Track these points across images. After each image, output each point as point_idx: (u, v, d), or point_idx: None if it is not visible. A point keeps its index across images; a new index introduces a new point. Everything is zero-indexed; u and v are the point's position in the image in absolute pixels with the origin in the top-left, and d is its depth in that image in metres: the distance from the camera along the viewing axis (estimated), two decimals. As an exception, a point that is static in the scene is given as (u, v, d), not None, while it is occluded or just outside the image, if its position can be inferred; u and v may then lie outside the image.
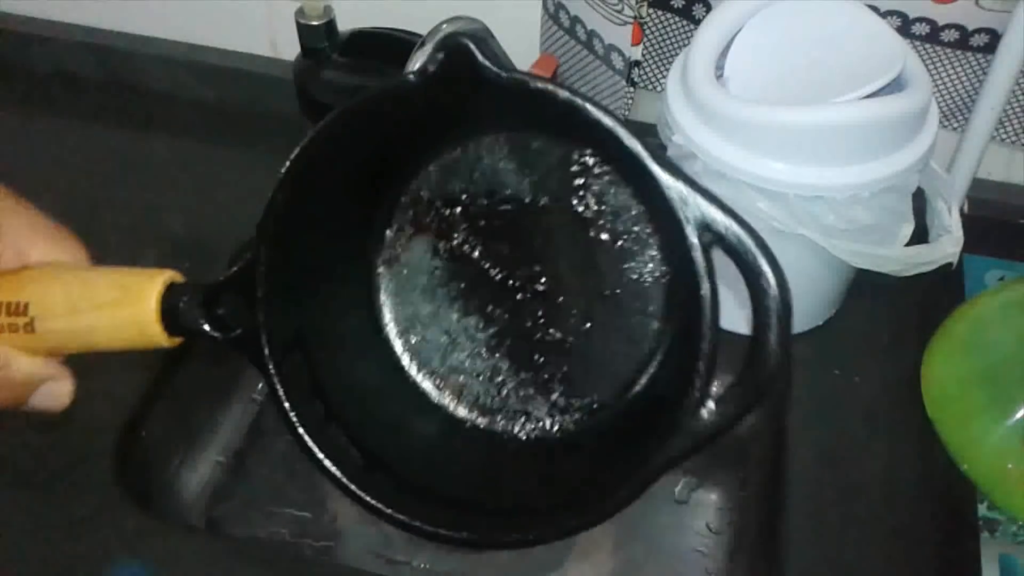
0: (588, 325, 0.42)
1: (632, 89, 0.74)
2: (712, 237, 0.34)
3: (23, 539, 0.62)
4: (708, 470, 0.80)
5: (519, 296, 0.42)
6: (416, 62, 0.45)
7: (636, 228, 0.40)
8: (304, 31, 0.75)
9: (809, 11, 0.65)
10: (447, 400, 0.43)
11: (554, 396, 0.42)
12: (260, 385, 0.84)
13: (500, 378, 0.43)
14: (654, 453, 0.34)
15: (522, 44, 0.78)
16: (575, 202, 0.41)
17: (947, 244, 0.65)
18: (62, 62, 0.95)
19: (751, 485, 0.78)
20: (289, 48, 0.81)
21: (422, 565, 0.75)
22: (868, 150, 0.60)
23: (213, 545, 0.68)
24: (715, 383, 0.36)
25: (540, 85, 0.36)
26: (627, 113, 0.76)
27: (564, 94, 0.35)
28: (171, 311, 0.37)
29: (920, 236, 0.66)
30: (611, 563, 0.76)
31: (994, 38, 0.69)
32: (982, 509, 0.62)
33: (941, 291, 0.73)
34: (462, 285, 0.43)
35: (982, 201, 0.78)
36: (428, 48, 0.62)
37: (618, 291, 0.41)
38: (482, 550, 0.38)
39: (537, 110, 0.37)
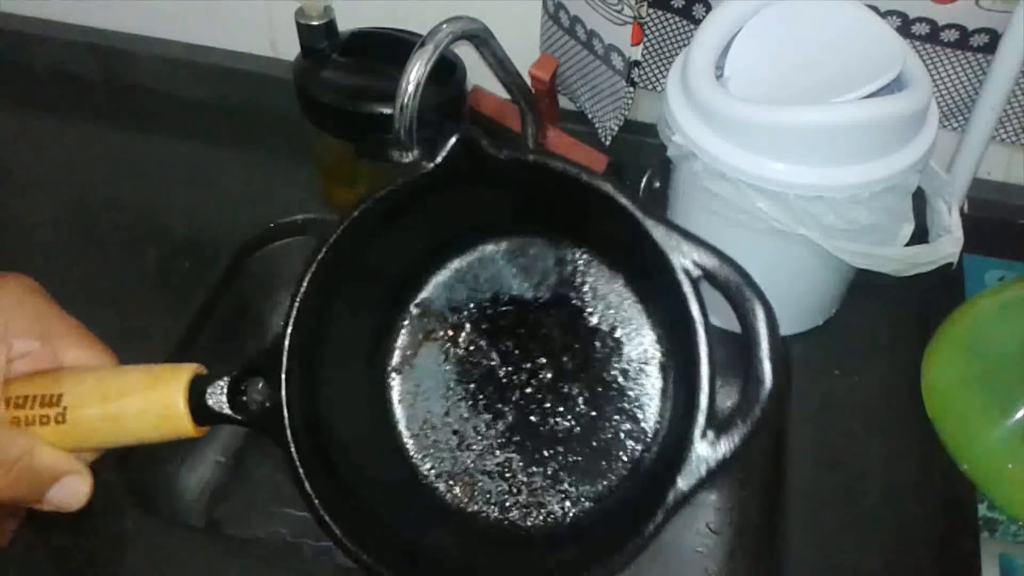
0: (593, 412, 0.44)
1: (632, 89, 0.74)
2: (701, 274, 0.38)
3: (23, 539, 0.62)
4: (708, 470, 0.80)
5: (526, 390, 0.44)
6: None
7: (628, 312, 0.43)
8: (304, 31, 0.75)
9: (809, 11, 0.65)
10: (460, 501, 0.44)
11: (565, 486, 0.43)
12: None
13: (511, 474, 0.44)
14: (664, 495, 0.36)
15: (522, 44, 0.78)
16: (572, 296, 0.44)
17: (947, 244, 0.65)
18: (62, 62, 0.95)
19: (751, 485, 0.78)
20: (289, 48, 0.81)
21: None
22: (868, 150, 0.60)
23: (213, 545, 0.68)
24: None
25: (533, 159, 0.39)
26: (627, 113, 0.76)
27: (558, 164, 0.39)
28: (199, 402, 0.38)
29: (920, 236, 0.66)
30: (611, 563, 0.76)
31: (994, 38, 0.69)
32: (982, 509, 0.62)
33: (941, 291, 0.73)
34: (471, 386, 0.45)
35: (982, 201, 0.78)
36: (428, 48, 0.62)
37: (617, 376, 0.43)
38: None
39: (536, 181, 0.40)
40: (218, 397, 0.39)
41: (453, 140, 0.40)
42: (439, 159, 0.41)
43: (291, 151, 0.84)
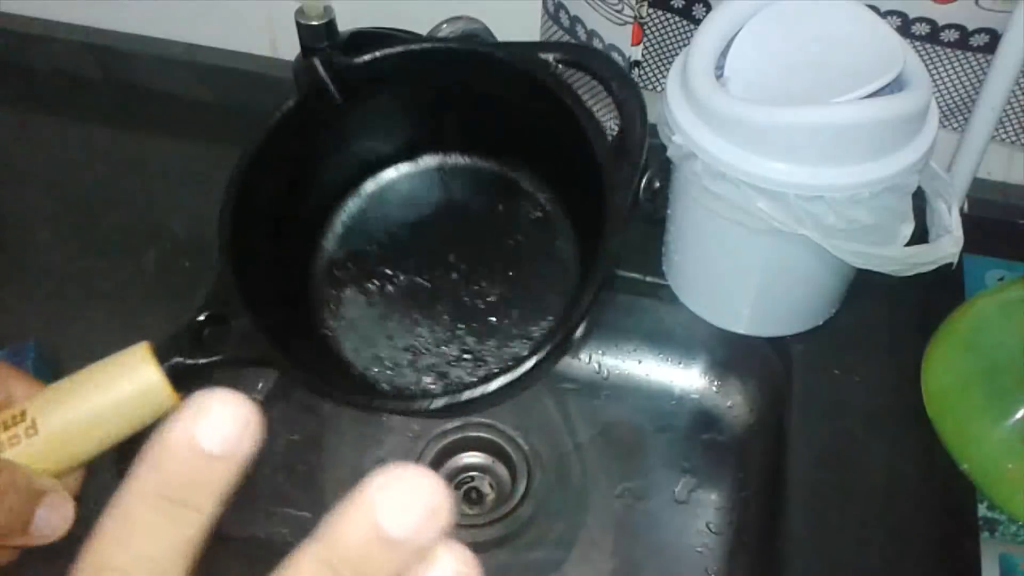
0: (511, 272, 0.47)
1: (632, 89, 0.74)
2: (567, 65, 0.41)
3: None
4: (708, 470, 0.80)
5: (450, 288, 0.47)
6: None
7: (514, 179, 0.48)
8: (304, 31, 0.74)
9: (809, 11, 0.65)
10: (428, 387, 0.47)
11: (518, 331, 0.46)
12: (260, 385, 0.84)
13: (469, 351, 0.46)
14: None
15: (522, 44, 0.78)
16: (460, 197, 0.47)
17: (947, 244, 0.65)
18: (62, 62, 0.95)
19: (751, 485, 0.78)
20: (289, 48, 0.81)
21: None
22: (868, 150, 0.60)
23: (213, 545, 0.68)
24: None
25: (381, 53, 0.44)
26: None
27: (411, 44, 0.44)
28: (170, 365, 0.38)
29: (920, 236, 0.66)
30: (611, 563, 0.76)
31: (994, 38, 0.69)
32: (982, 509, 0.62)
33: (941, 291, 0.73)
34: (404, 309, 0.47)
35: (982, 201, 0.78)
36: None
37: (520, 238, 0.47)
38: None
39: (407, 77, 0.43)
40: (185, 352, 0.39)
41: (313, 65, 0.43)
42: (302, 91, 0.43)
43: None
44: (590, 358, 0.86)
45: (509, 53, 0.45)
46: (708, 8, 0.74)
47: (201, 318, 0.40)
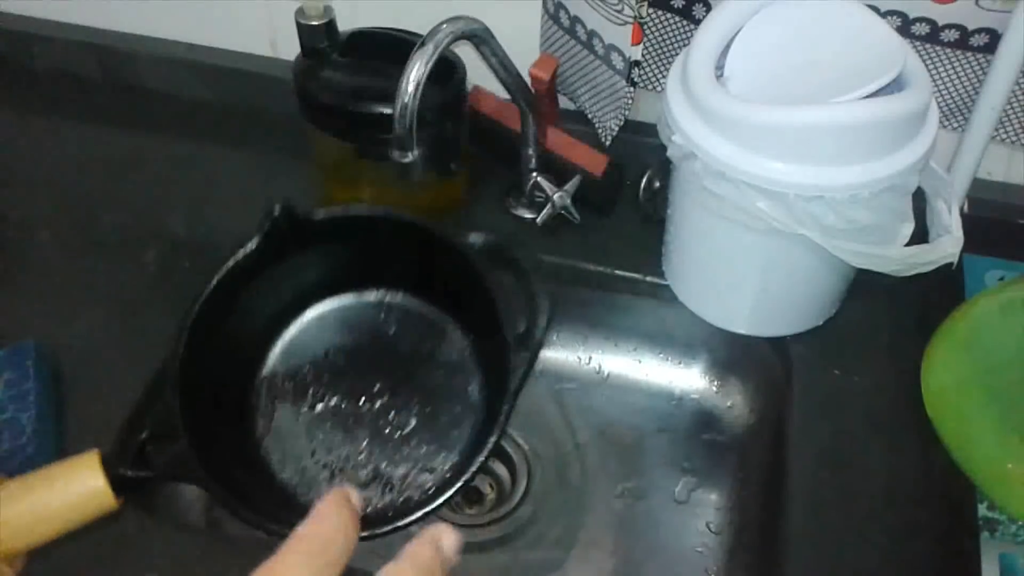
0: (428, 408, 0.52)
1: (632, 89, 0.74)
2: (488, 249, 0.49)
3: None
4: (708, 470, 0.80)
5: (372, 412, 0.52)
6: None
7: (439, 325, 0.54)
8: (304, 31, 0.75)
9: (809, 11, 0.65)
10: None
11: (429, 464, 0.51)
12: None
13: (383, 479, 0.51)
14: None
15: (522, 44, 0.78)
16: (391, 330, 0.54)
17: (947, 244, 0.65)
18: (62, 62, 0.95)
19: (751, 485, 0.78)
20: (289, 48, 0.81)
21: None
22: (868, 150, 0.60)
23: (213, 545, 0.68)
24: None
25: (338, 213, 0.51)
26: (627, 113, 0.77)
27: (362, 211, 0.51)
28: (115, 475, 0.43)
29: (920, 236, 0.66)
30: (611, 563, 0.76)
31: (994, 38, 0.69)
32: (982, 509, 0.62)
33: (941, 291, 0.73)
34: (328, 427, 0.52)
35: (982, 201, 0.78)
36: (428, 48, 0.62)
37: (440, 373, 0.53)
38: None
39: (360, 232, 0.51)
40: (128, 465, 0.44)
41: (274, 212, 0.49)
42: (262, 233, 0.50)
43: (291, 151, 0.84)
44: (590, 358, 0.86)
45: (446, 232, 0.51)
46: (708, 8, 0.74)
47: (144, 436, 0.45)
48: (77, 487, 0.42)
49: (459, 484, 0.45)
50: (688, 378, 0.85)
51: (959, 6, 0.69)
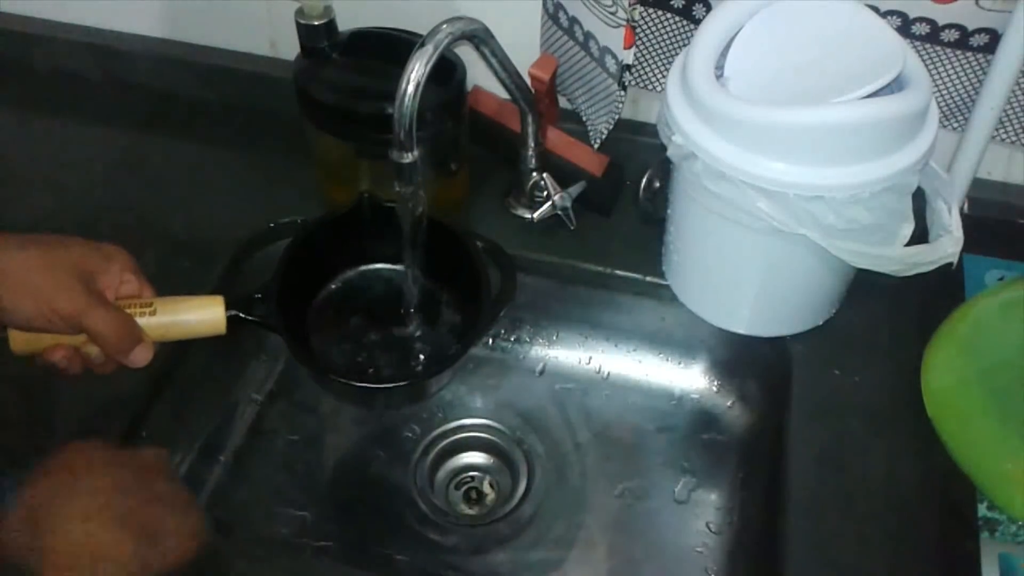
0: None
1: (623, 93, 0.74)
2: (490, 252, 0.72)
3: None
4: (708, 470, 0.80)
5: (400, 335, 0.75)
6: (411, 69, 0.61)
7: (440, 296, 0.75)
8: (304, 31, 0.75)
9: (809, 11, 0.65)
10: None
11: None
12: (260, 385, 0.85)
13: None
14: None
15: (522, 44, 0.78)
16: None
17: (947, 244, 0.65)
18: (62, 62, 0.95)
19: (751, 485, 0.78)
20: (289, 48, 0.81)
21: (421, 565, 0.75)
22: (868, 150, 0.60)
23: (213, 545, 0.68)
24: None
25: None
26: (617, 117, 0.76)
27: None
28: (231, 315, 0.63)
29: (920, 236, 0.66)
30: (611, 563, 0.76)
31: (994, 38, 0.69)
32: (982, 509, 0.62)
33: (941, 291, 0.73)
34: (366, 329, 0.74)
35: (982, 201, 0.78)
36: (428, 48, 0.62)
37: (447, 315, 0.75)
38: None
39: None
40: (239, 309, 0.63)
41: (362, 200, 0.73)
42: (348, 209, 0.73)
43: (291, 151, 0.84)
44: (590, 358, 0.86)
45: (460, 230, 0.73)
46: (708, 8, 0.74)
47: (257, 295, 0.65)
48: (206, 313, 0.61)
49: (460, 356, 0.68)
50: (688, 378, 0.85)
51: (959, 6, 0.69)
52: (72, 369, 0.58)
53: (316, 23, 0.74)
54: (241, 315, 0.63)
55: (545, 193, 0.80)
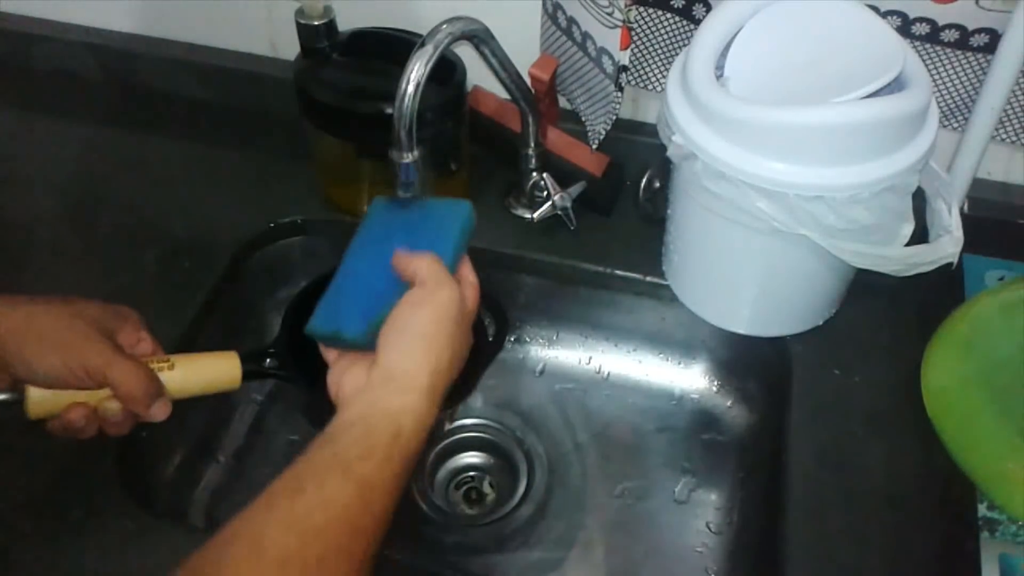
0: None
1: (620, 94, 0.74)
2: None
3: (25, 539, 0.62)
4: (708, 470, 0.80)
5: None
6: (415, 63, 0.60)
7: None
8: (304, 31, 0.75)
9: (809, 11, 0.65)
10: None
11: None
12: (260, 385, 0.85)
13: None
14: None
15: (522, 44, 0.78)
16: None
17: (947, 244, 0.65)
18: (62, 62, 0.95)
19: (751, 485, 0.78)
20: (289, 48, 0.81)
21: (421, 565, 0.75)
22: (868, 150, 0.60)
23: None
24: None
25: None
26: (615, 117, 0.76)
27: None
28: (245, 367, 0.63)
29: (920, 236, 0.66)
30: (611, 563, 0.76)
31: (994, 38, 0.69)
32: (982, 509, 0.62)
33: (941, 291, 0.73)
34: None
35: (982, 201, 0.78)
36: (428, 48, 0.62)
37: None
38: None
39: None
40: (253, 363, 0.64)
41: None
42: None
43: (291, 151, 0.84)
44: (590, 358, 0.86)
45: None
46: (708, 8, 0.74)
47: (267, 349, 0.66)
48: (224, 369, 0.62)
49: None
50: (688, 378, 0.85)
51: (959, 6, 0.69)
52: (88, 431, 0.57)
53: (316, 23, 0.74)
54: (256, 368, 0.64)
55: (545, 193, 0.80)
